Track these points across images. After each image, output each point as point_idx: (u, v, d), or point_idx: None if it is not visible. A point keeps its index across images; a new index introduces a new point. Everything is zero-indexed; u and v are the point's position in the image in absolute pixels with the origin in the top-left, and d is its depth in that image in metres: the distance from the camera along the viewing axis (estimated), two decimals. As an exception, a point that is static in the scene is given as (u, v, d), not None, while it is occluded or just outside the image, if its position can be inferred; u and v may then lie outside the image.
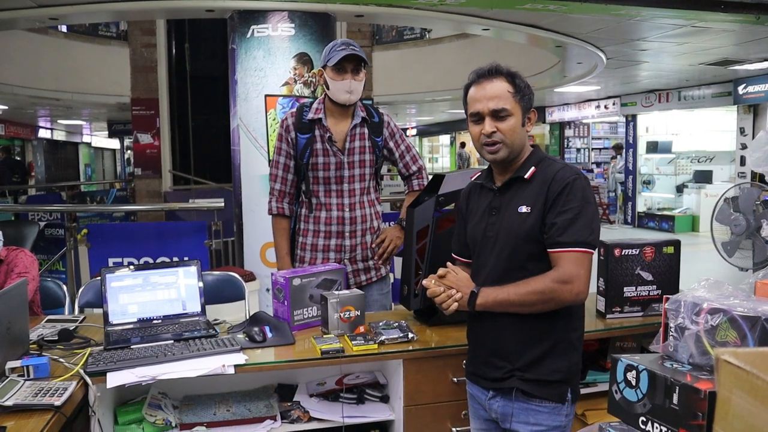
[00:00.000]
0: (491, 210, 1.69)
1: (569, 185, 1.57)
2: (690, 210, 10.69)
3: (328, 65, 2.32)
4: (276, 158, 2.48)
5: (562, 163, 1.68)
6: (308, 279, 2.18)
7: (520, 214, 1.62)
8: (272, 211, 2.50)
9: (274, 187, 2.49)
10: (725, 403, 0.59)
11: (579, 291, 1.56)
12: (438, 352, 1.99)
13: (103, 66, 9.24)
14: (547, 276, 1.56)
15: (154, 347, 1.94)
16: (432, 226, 2.13)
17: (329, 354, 1.90)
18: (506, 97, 1.62)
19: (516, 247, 1.62)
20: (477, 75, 1.66)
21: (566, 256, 1.55)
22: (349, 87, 2.32)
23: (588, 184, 1.63)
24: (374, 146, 2.47)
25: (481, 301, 1.60)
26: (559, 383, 1.62)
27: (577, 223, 1.55)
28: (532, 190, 1.62)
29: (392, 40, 10.24)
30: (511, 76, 1.65)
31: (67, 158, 20.55)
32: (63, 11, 4.34)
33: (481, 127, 1.64)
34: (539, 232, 1.59)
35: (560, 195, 1.57)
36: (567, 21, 5.00)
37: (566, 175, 1.60)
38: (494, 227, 1.66)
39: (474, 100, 1.65)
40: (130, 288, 2.20)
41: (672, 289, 2.22)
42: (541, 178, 1.62)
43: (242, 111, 4.46)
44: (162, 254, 4.81)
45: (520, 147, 1.66)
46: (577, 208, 1.56)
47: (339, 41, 2.37)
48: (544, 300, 1.56)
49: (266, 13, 4.32)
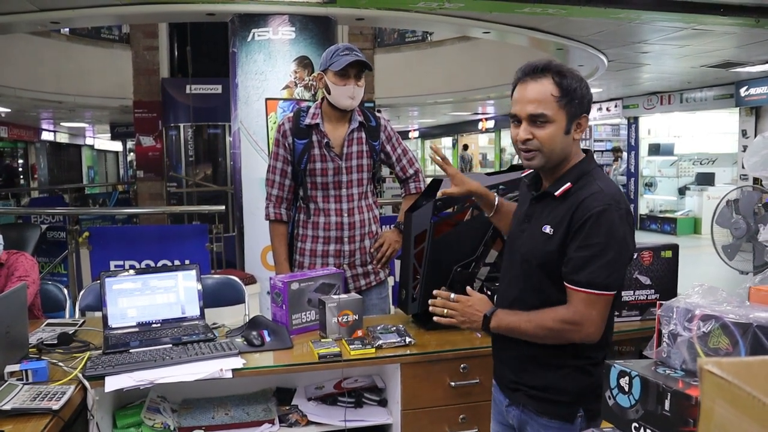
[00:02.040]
0: (525, 218, 1.60)
1: (593, 217, 1.42)
2: (692, 212, 10.67)
3: (330, 69, 2.30)
4: (273, 163, 2.47)
5: (599, 185, 1.48)
6: (306, 283, 2.19)
7: (543, 233, 1.50)
8: (269, 217, 2.49)
9: (271, 193, 2.48)
10: (708, 413, 0.60)
11: (588, 333, 1.46)
12: (435, 356, 1.99)
13: (106, 68, 9.28)
14: (558, 313, 1.47)
15: (153, 351, 1.94)
16: (430, 231, 2.13)
17: (327, 358, 1.91)
18: (548, 101, 1.45)
19: (534, 266, 1.53)
20: (524, 72, 1.50)
21: (579, 295, 1.45)
22: (352, 93, 2.32)
23: (619, 215, 1.44)
24: (372, 150, 2.46)
25: (494, 325, 1.56)
26: (569, 404, 1.53)
27: (594, 262, 1.42)
28: (560, 210, 1.49)
29: (394, 43, 10.26)
30: (561, 75, 1.46)
31: (70, 160, 20.60)
32: (64, 15, 4.37)
33: (518, 130, 1.51)
34: (558, 258, 1.48)
35: (583, 227, 1.43)
36: (567, 24, 5.01)
37: (594, 204, 1.43)
38: (522, 237, 1.58)
39: (514, 101, 1.51)
40: (130, 292, 2.21)
41: (670, 293, 2.22)
42: (573, 198, 1.47)
43: (243, 114, 4.48)
44: (163, 257, 4.82)
45: (561, 156, 1.50)
46: (597, 246, 1.42)
47: (341, 46, 2.35)
48: (552, 337, 1.49)
49: (267, 17, 4.34)
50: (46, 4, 4.20)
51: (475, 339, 2.05)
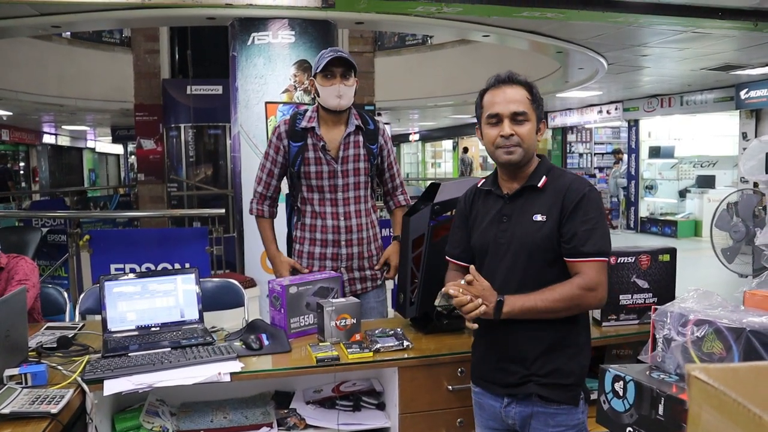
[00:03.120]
0: (502, 217, 1.72)
1: (585, 196, 1.64)
2: (693, 215, 10.65)
3: (317, 72, 2.36)
4: (263, 162, 2.53)
5: (572, 174, 1.75)
6: (305, 287, 2.20)
7: (535, 222, 1.66)
8: (252, 212, 2.58)
9: (256, 189, 2.55)
10: (695, 419, 0.60)
11: (602, 296, 1.64)
12: (433, 360, 2.00)
13: (107, 72, 9.31)
14: (573, 283, 1.61)
15: (151, 355, 1.95)
16: (428, 235, 2.14)
17: (325, 362, 1.92)
18: (525, 102, 1.68)
19: (532, 254, 1.66)
20: (496, 80, 1.72)
21: (589, 264, 1.62)
22: (338, 92, 2.34)
23: (599, 195, 1.71)
24: (369, 154, 2.48)
25: (508, 310, 1.61)
26: (573, 386, 1.66)
27: (596, 233, 1.62)
28: (545, 199, 1.67)
29: (394, 46, 10.27)
30: (528, 85, 1.72)
31: (72, 163, 20.64)
32: (65, 19, 4.39)
33: (498, 129, 1.68)
34: (555, 240, 1.64)
35: (578, 206, 1.63)
36: (567, 27, 5.01)
37: (581, 186, 1.66)
38: (506, 234, 1.69)
39: (492, 103, 1.70)
40: (129, 295, 2.22)
41: (668, 297, 2.22)
42: (554, 187, 1.68)
43: (243, 118, 4.49)
44: (164, 260, 4.83)
45: (532, 153, 1.71)
46: (594, 220, 1.63)
47: (327, 49, 2.42)
48: (570, 306, 1.62)
49: (266, 21, 4.36)
50: (47, 9, 4.21)
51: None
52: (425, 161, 24.64)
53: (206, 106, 8.06)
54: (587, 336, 1.75)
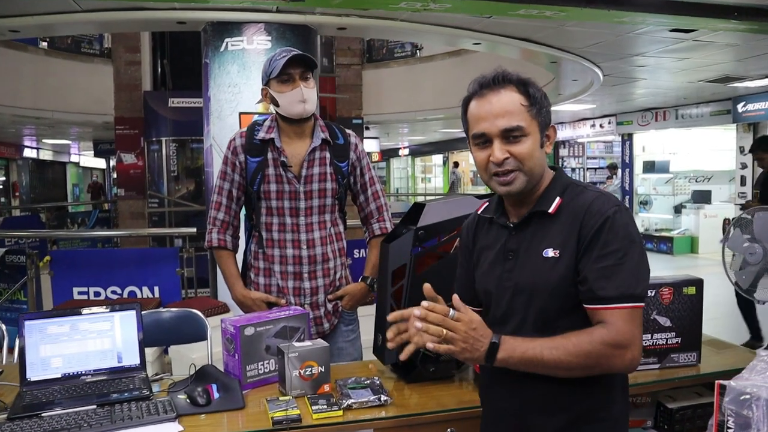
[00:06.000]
0: (507, 253, 1.34)
1: (609, 221, 1.23)
2: (689, 231, 10.42)
3: (271, 78, 2.01)
4: (220, 183, 2.15)
5: (595, 190, 1.30)
6: (264, 327, 1.84)
7: (546, 259, 1.27)
8: (212, 243, 2.16)
9: (216, 217, 2.16)
10: None
11: (634, 357, 1.22)
12: (418, 419, 1.64)
13: (86, 84, 9.04)
14: (595, 334, 1.20)
15: (70, 415, 1.59)
16: (410, 265, 1.79)
17: (282, 425, 1.56)
18: (519, 111, 1.26)
19: (543, 302, 1.27)
20: (480, 85, 1.30)
21: (614, 313, 1.21)
22: (301, 95, 1.99)
23: (631, 217, 1.28)
24: (337, 172, 2.11)
25: (504, 356, 1.21)
26: None
27: (621, 270, 1.21)
28: (559, 227, 1.28)
29: (383, 58, 10.06)
30: (524, 84, 1.29)
31: (55, 178, 20.26)
32: (23, 22, 4.05)
33: (488, 152, 1.28)
34: (572, 282, 1.25)
35: (598, 234, 1.23)
36: (562, 34, 4.75)
37: (604, 207, 1.24)
38: (512, 275, 1.32)
39: (477, 119, 1.29)
40: (55, 337, 1.85)
41: (694, 337, 1.89)
42: (571, 211, 1.28)
43: (215, 130, 4.16)
44: (131, 283, 4.54)
45: (540, 173, 1.31)
46: (620, 252, 1.22)
47: (278, 50, 2.06)
48: (589, 365, 1.21)
49: (241, 25, 4.04)
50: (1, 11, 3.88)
51: (465, 396, 1.70)
52: (415, 176, 24.40)
53: (188, 119, 7.75)
54: (625, 403, 1.33)
